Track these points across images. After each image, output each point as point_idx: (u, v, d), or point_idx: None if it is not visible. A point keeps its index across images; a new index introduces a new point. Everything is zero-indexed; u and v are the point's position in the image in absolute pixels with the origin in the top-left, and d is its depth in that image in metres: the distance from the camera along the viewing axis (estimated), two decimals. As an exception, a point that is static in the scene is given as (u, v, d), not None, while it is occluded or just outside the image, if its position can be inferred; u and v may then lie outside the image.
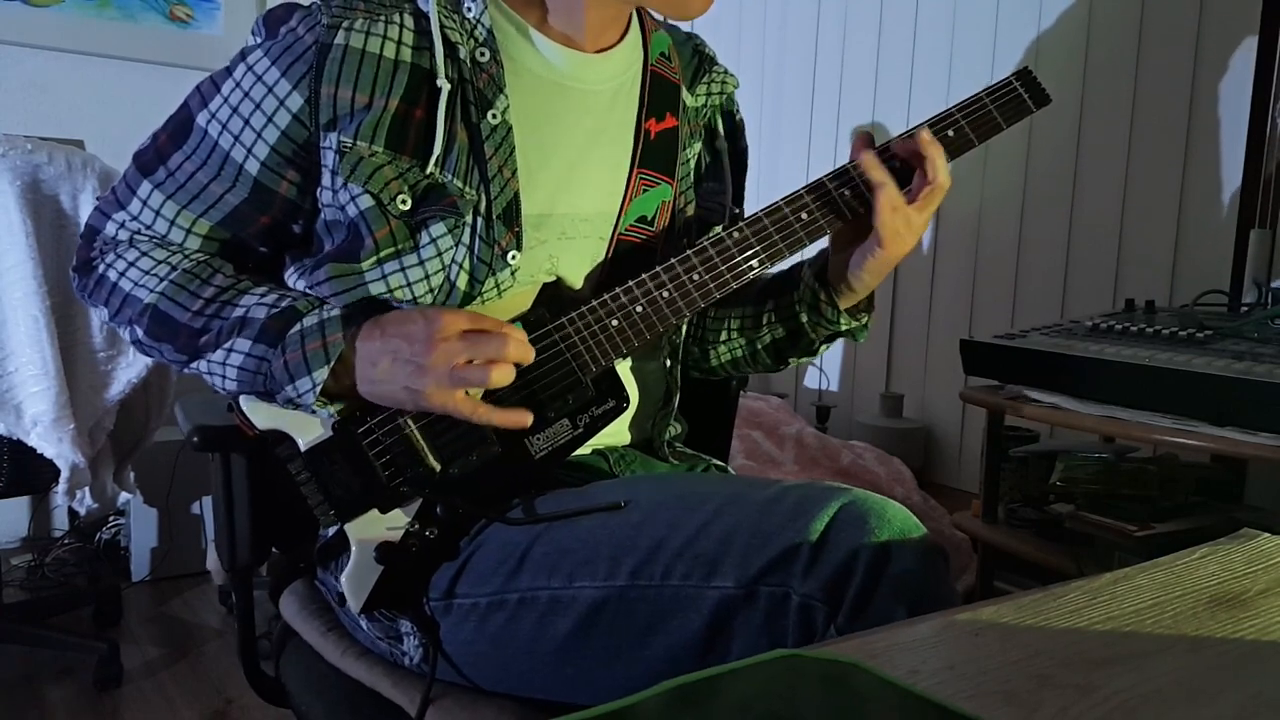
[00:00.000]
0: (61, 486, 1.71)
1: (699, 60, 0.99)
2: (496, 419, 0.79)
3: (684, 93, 0.96)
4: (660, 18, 0.98)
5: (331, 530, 0.86)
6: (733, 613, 0.67)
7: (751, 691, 0.43)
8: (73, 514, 2.62)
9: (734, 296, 1.02)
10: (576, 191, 0.89)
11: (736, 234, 0.86)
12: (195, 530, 2.51)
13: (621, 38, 0.92)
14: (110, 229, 0.88)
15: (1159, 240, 1.87)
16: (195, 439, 0.88)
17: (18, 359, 1.65)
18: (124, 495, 2.19)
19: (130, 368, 1.81)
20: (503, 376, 0.77)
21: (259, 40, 0.84)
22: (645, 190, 0.92)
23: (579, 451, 0.90)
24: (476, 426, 0.81)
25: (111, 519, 2.59)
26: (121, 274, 0.86)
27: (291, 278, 0.89)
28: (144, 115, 2.83)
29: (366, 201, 0.80)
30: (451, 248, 0.81)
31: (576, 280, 0.90)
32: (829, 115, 2.65)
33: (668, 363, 0.97)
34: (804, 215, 0.87)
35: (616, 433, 0.96)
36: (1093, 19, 2.01)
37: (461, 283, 0.82)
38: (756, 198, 1.21)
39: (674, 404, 0.98)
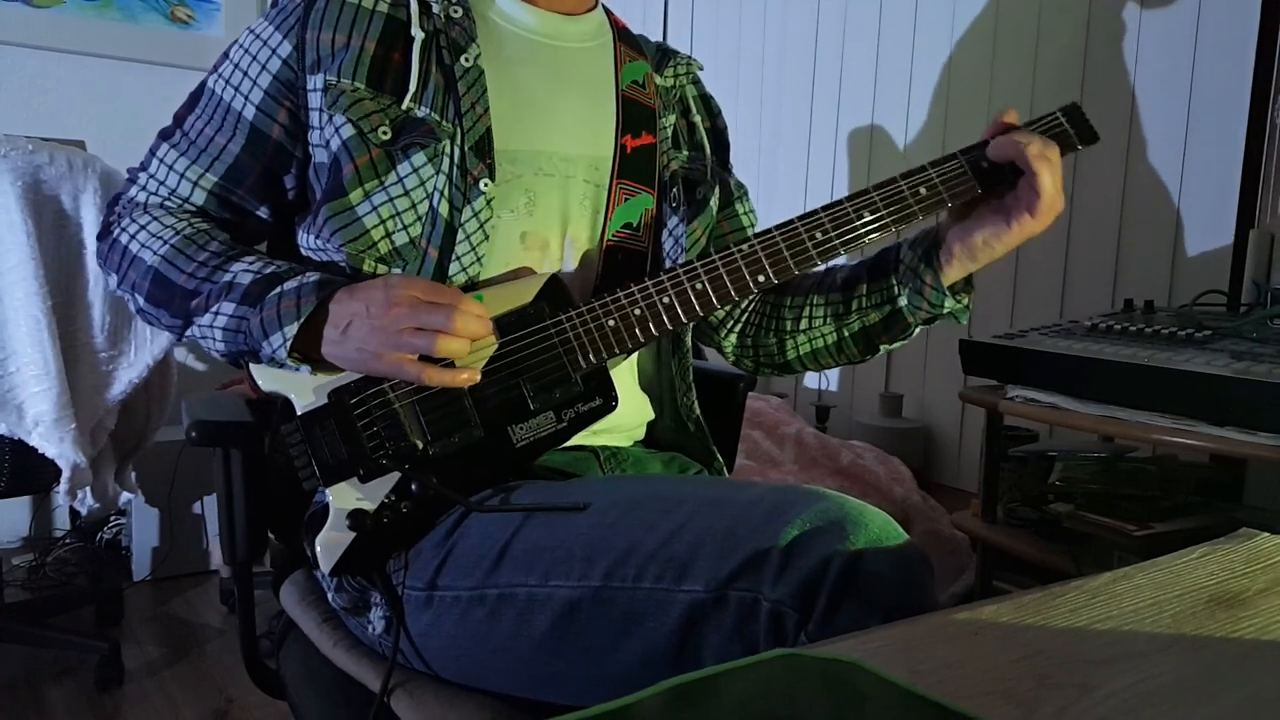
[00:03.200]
0: (63, 486, 1.71)
1: (663, 53, 1.08)
2: (444, 379, 0.80)
3: (655, 77, 1.04)
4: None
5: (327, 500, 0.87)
6: (703, 617, 0.67)
7: (751, 690, 0.43)
8: (74, 514, 2.63)
9: (815, 283, 1.06)
10: (553, 132, 0.94)
11: (745, 247, 0.87)
12: (196, 530, 2.52)
13: (587, 11, 1.01)
14: (132, 191, 0.96)
15: (1158, 240, 1.87)
16: (193, 434, 0.90)
17: (19, 359, 1.66)
18: (125, 495, 2.19)
19: (131, 368, 1.81)
20: (448, 347, 0.79)
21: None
22: (626, 200, 0.97)
23: (572, 445, 0.91)
24: (461, 409, 0.84)
25: (113, 519, 2.59)
26: (132, 237, 0.92)
27: (301, 239, 0.94)
28: (145, 116, 2.84)
29: (349, 131, 0.87)
30: (433, 175, 0.87)
31: (552, 218, 0.94)
32: (829, 116, 2.65)
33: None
34: (818, 234, 0.87)
35: (636, 411, 1.00)
36: (1092, 19, 2.01)
37: (444, 210, 0.87)
38: (756, 198, 1.21)
39: (686, 344, 1.01)
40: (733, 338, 1.11)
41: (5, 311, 1.65)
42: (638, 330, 0.86)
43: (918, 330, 1.00)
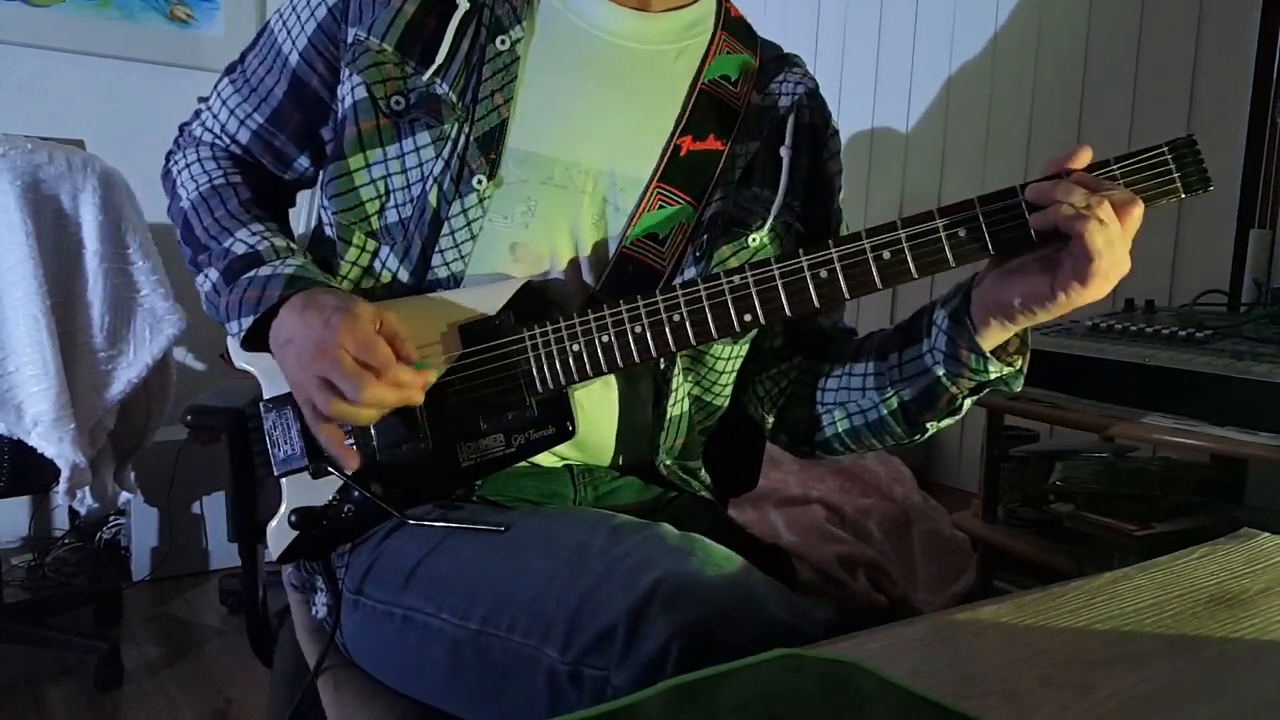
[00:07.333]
0: (62, 486, 1.71)
1: (777, 62, 0.96)
2: (335, 449, 0.79)
3: (753, 94, 0.92)
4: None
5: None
6: (563, 689, 0.66)
7: (752, 691, 0.43)
8: (73, 514, 2.63)
9: (855, 350, 0.91)
10: (579, 141, 0.86)
11: (737, 278, 0.77)
12: (196, 530, 2.52)
13: (681, 7, 0.89)
14: (194, 124, 0.97)
15: (1159, 240, 1.87)
16: (188, 417, 0.94)
17: (18, 359, 1.65)
18: (124, 495, 2.19)
19: (131, 367, 1.81)
20: (342, 412, 0.74)
21: None
22: (661, 206, 0.86)
23: (547, 462, 0.88)
24: (413, 419, 0.81)
25: (112, 519, 2.59)
26: (180, 171, 0.94)
27: (319, 196, 0.92)
28: (144, 115, 2.83)
29: (361, 92, 0.84)
30: (433, 159, 0.84)
31: (551, 234, 0.85)
32: (829, 115, 2.65)
33: (661, 363, 0.88)
34: (823, 272, 0.75)
35: (598, 448, 0.90)
36: (1092, 19, 2.01)
37: (433, 198, 0.84)
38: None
39: (666, 407, 0.89)
40: (771, 416, 0.98)
41: (4, 311, 1.65)
42: (602, 358, 0.79)
43: (968, 403, 0.83)
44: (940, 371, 0.81)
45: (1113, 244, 0.68)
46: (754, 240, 0.89)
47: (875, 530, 1.96)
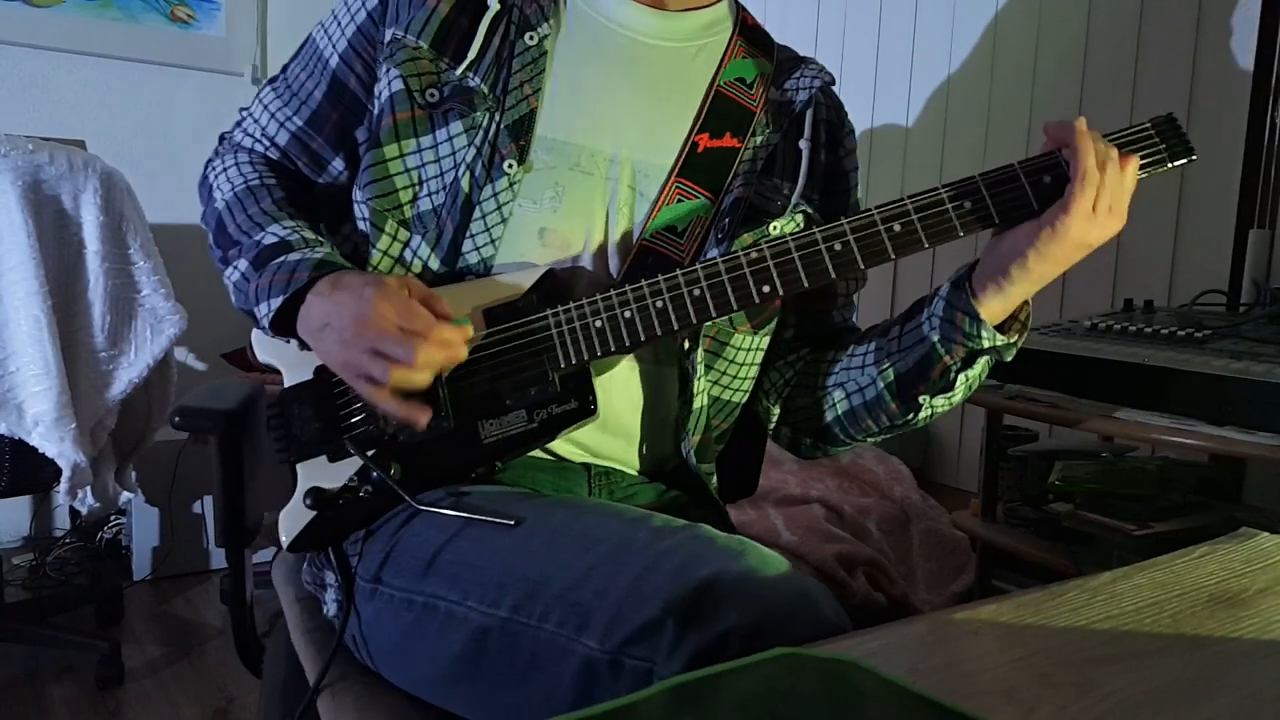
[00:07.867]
0: (63, 486, 1.71)
1: (792, 62, 0.99)
2: (398, 412, 0.78)
3: (770, 86, 0.95)
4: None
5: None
6: (598, 678, 0.65)
7: (752, 690, 0.44)
8: (74, 513, 2.63)
9: (859, 337, 0.95)
10: (604, 130, 0.90)
11: (755, 254, 0.80)
12: (196, 529, 2.52)
13: (700, 8, 0.94)
14: (236, 132, 1.00)
15: (1158, 240, 1.87)
16: (176, 419, 0.95)
17: (19, 359, 1.66)
18: (125, 494, 2.20)
19: (132, 367, 1.81)
20: (403, 378, 0.76)
21: None
22: (680, 200, 0.90)
23: (562, 457, 0.89)
24: (435, 398, 0.81)
25: (113, 518, 2.59)
26: (216, 176, 0.96)
27: (354, 190, 0.94)
28: (145, 116, 2.84)
29: (398, 85, 0.88)
30: (465, 147, 0.87)
31: (578, 219, 0.88)
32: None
33: (685, 344, 0.90)
34: (837, 245, 0.79)
35: (622, 440, 0.91)
36: (1092, 18, 2.01)
37: (465, 184, 0.87)
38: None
39: (692, 393, 0.90)
40: (776, 408, 1.01)
41: (5, 311, 1.65)
42: (625, 333, 0.81)
43: (960, 381, 0.86)
44: (935, 337, 0.84)
45: (1105, 168, 0.74)
46: (774, 228, 0.92)
47: (874, 529, 1.96)
